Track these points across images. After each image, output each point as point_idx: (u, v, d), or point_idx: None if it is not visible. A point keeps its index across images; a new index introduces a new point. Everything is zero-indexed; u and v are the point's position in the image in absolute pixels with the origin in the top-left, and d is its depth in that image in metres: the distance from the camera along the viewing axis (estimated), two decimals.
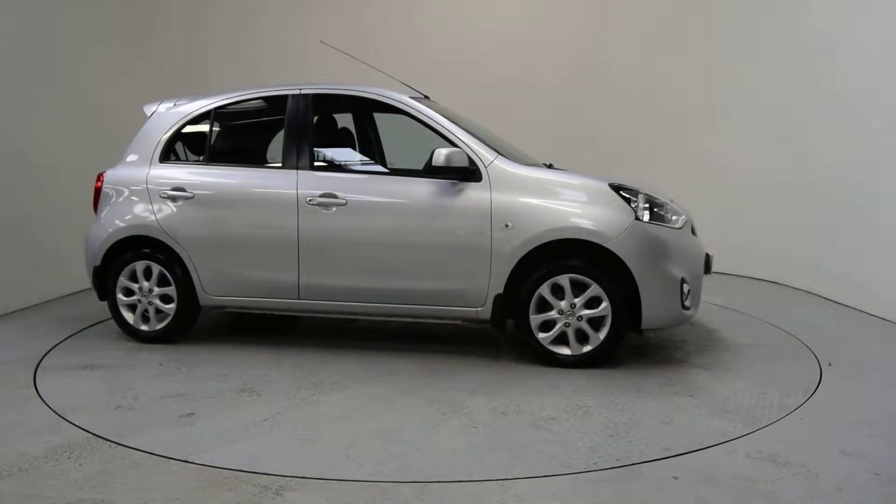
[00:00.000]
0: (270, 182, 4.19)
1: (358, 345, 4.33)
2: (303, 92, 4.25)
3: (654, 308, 3.72)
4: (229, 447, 2.85)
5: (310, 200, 4.02)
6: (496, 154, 3.93)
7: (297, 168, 4.13)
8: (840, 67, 5.54)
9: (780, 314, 5.12)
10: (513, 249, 3.76)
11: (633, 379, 3.65)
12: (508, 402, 3.31)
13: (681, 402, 3.31)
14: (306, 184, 4.06)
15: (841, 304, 5.48)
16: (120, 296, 4.34)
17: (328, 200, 4.00)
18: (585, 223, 3.72)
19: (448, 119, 4.06)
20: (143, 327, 4.34)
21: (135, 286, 4.32)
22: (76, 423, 3.07)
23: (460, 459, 2.72)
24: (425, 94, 4.78)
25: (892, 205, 4.93)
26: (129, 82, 6.54)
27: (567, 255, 3.76)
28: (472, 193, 3.85)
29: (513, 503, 2.36)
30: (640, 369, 3.81)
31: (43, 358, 4.11)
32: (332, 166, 4.35)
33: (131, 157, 4.48)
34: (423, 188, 3.93)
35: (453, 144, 3.92)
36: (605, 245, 3.67)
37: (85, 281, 4.61)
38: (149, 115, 4.55)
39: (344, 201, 3.98)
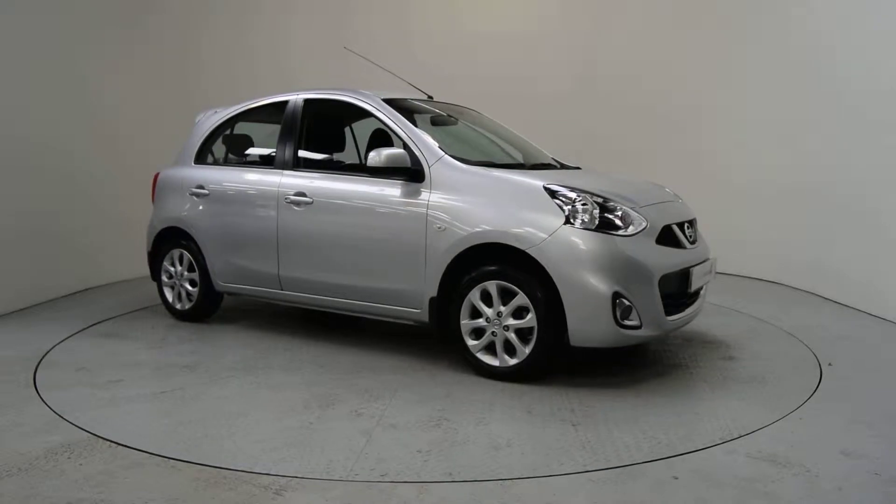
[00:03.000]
0: (263, 181, 4.48)
1: (340, 339, 4.48)
2: (297, 97, 4.55)
3: (580, 323, 3.36)
4: (94, 410, 3.24)
5: (286, 199, 4.29)
6: (441, 154, 3.85)
7: (283, 168, 4.43)
8: (840, 67, 5.54)
9: (780, 314, 5.12)
10: (443, 252, 3.67)
11: (541, 398, 3.35)
12: (380, 406, 3.27)
13: (549, 431, 2.97)
14: (286, 183, 4.34)
15: (841, 304, 5.48)
16: (163, 277, 5.03)
17: (299, 199, 4.25)
18: (508, 227, 3.49)
19: (406, 117, 4.09)
20: (178, 306, 4.96)
21: (172, 270, 4.94)
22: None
23: (251, 450, 2.78)
24: (429, 94, 4.83)
25: (893, 204, 4.93)
26: (132, 82, 6.57)
27: (498, 259, 3.56)
28: (416, 194, 3.82)
29: (513, 503, 2.36)
30: (564, 390, 3.47)
31: (94, 325, 4.87)
32: (310, 167, 4.45)
33: (177, 159, 5.10)
34: (376, 188, 3.98)
35: (404, 143, 3.95)
36: (526, 250, 3.43)
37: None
38: (196, 122, 5.15)
39: (311, 200, 4.20)
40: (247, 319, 5.05)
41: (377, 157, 3.82)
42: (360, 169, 4.27)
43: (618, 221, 3.46)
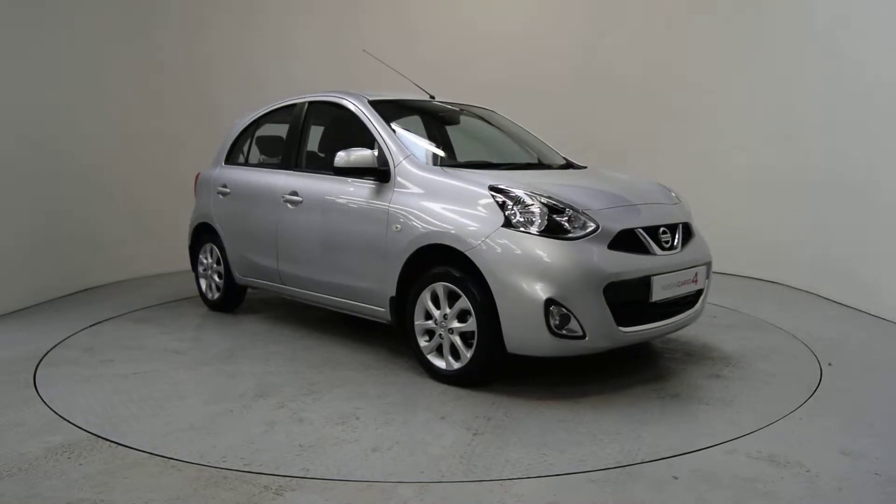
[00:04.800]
0: (268, 181, 4.66)
1: (339, 334, 4.61)
2: (303, 99, 4.73)
3: (515, 330, 3.23)
4: (64, 384, 3.60)
5: (283, 198, 4.44)
6: (406, 155, 3.87)
7: (286, 168, 4.61)
8: (840, 66, 5.54)
9: (780, 314, 5.12)
10: (398, 252, 3.68)
11: (469, 404, 3.27)
12: (308, 400, 3.36)
13: (443, 438, 2.90)
14: (286, 183, 4.49)
15: (841, 304, 5.48)
16: (200, 269, 5.40)
17: (293, 198, 4.39)
18: (451, 228, 3.43)
19: (395, 117, 4.16)
20: (209, 296, 5.34)
21: (205, 262, 5.32)
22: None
23: (156, 430, 3.00)
24: (432, 94, 4.86)
25: (893, 205, 4.93)
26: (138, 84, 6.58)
27: (447, 261, 3.49)
28: (381, 194, 3.86)
29: (513, 503, 2.36)
30: (502, 397, 3.35)
31: (131, 312, 5.33)
32: (308, 167, 4.54)
33: (214, 160, 5.40)
34: (351, 188, 4.04)
35: (377, 143, 4.00)
36: (464, 252, 3.35)
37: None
38: (233, 124, 5.40)
39: (301, 199, 4.34)
40: (272, 311, 5.33)
41: (345, 157, 3.88)
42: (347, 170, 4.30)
43: (566, 224, 3.29)
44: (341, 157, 3.88)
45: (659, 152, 7.09)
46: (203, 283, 5.40)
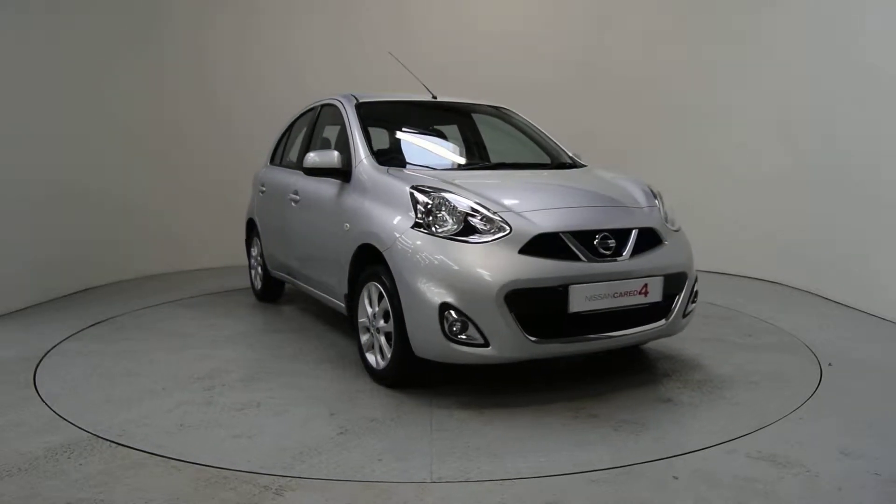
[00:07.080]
0: (286, 181, 4.91)
1: (337, 330, 4.71)
2: (320, 102, 4.92)
3: (417, 333, 3.16)
4: (58, 357, 4.03)
5: (288, 197, 4.71)
6: (365, 155, 3.91)
7: (297, 169, 4.74)
8: (841, 65, 5.53)
9: (780, 314, 5.12)
10: (347, 250, 3.74)
11: (373, 405, 3.26)
12: (238, 387, 3.52)
13: (309, 434, 2.92)
14: (293, 183, 4.71)
15: (841, 304, 5.48)
16: (251, 261, 5.82)
17: (295, 197, 4.64)
18: (375, 228, 3.46)
19: (363, 119, 4.22)
20: (256, 286, 5.74)
21: (254, 254, 5.70)
22: (74, 422, 3.11)
23: (85, 400, 3.32)
24: (434, 93, 4.86)
25: (893, 205, 4.93)
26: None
27: (379, 261, 3.46)
28: (341, 194, 3.97)
29: (513, 503, 2.36)
30: (410, 400, 3.30)
31: (189, 297, 5.82)
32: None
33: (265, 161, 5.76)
34: (323, 188, 4.20)
35: (348, 143, 4.11)
36: (382, 252, 3.35)
37: None
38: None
39: (299, 198, 4.57)
40: (306, 304, 5.57)
41: (313, 158, 4.00)
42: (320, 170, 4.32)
43: (478, 226, 3.15)
44: (310, 158, 4.00)
45: (659, 151, 7.09)
46: (252, 273, 5.80)
